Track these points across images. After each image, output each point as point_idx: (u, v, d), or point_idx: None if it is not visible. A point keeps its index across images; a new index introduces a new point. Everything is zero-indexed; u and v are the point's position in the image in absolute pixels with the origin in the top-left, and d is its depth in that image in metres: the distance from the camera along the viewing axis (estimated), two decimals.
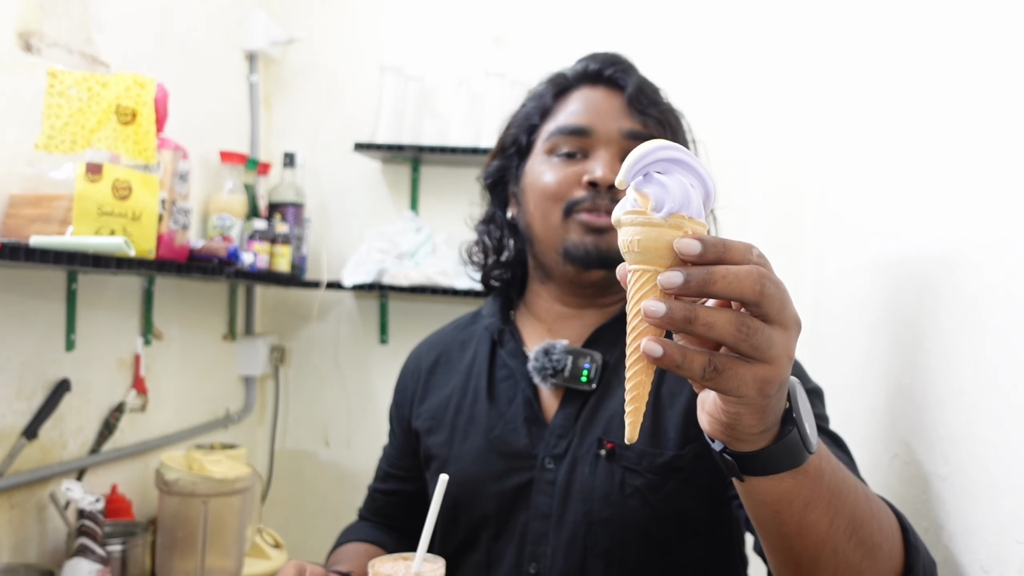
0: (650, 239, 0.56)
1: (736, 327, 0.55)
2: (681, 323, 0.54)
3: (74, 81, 1.37)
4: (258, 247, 1.94)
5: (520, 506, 1.06)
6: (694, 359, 0.55)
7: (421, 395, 1.20)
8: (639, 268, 0.58)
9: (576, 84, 1.13)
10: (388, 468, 1.26)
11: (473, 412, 1.12)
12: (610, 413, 1.05)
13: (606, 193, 1.06)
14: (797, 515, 0.67)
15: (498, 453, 1.08)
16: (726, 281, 0.54)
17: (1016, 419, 0.77)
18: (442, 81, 2.24)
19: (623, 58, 1.14)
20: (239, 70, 2.19)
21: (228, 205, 1.94)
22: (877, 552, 0.72)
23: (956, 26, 0.98)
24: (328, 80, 2.31)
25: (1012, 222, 0.80)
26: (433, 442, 1.15)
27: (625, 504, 1.01)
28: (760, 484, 0.65)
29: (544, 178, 1.09)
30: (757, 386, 0.57)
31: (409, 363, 1.27)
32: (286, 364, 2.33)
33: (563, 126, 1.10)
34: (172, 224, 1.55)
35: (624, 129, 1.08)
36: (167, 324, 1.86)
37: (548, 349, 1.08)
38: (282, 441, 2.34)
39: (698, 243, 0.55)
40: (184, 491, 1.44)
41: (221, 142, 2.05)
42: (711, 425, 0.62)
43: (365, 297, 2.31)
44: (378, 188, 2.31)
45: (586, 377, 1.06)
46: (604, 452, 1.03)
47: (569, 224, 1.08)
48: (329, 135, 2.30)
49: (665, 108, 1.11)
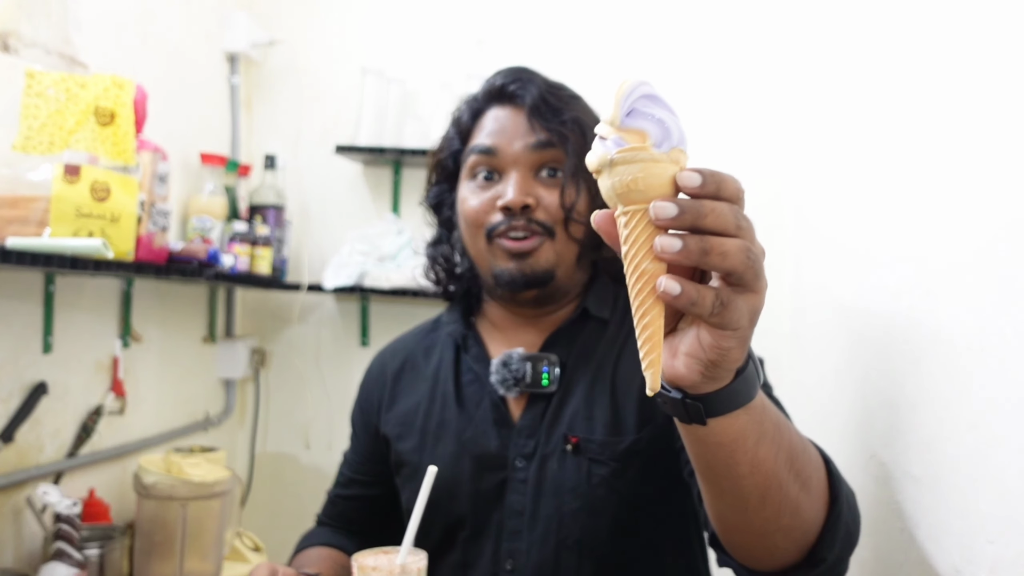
0: (653, 175, 0.55)
1: (746, 254, 0.55)
2: (698, 254, 0.54)
3: (52, 82, 1.36)
4: (238, 249, 1.93)
5: (495, 505, 1.10)
6: (706, 294, 0.55)
7: (388, 401, 1.22)
8: (633, 208, 0.56)
9: (487, 104, 1.15)
10: (351, 474, 1.27)
11: (443, 417, 1.15)
12: (573, 410, 1.09)
13: (520, 215, 1.08)
14: (751, 451, 0.68)
15: (471, 456, 1.11)
16: (715, 215, 0.54)
17: (987, 421, 0.79)
18: (424, 84, 2.23)
19: (525, 71, 1.15)
20: (220, 72, 2.18)
21: (208, 207, 1.93)
22: (810, 484, 0.74)
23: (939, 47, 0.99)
24: (310, 82, 2.31)
25: (989, 215, 0.81)
26: (404, 448, 1.17)
27: (593, 494, 1.05)
28: (719, 424, 0.65)
29: (466, 205, 1.13)
30: (750, 315, 0.57)
31: (373, 369, 1.29)
32: (266, 367, 2.32)
33: (474, 146, 1.13)
34: (151, 226, 1.54)
35: (529, 144, 1.09)
36: (146, 326, 1.85)
37: (506, 360, 1.10)
38: (262, 444, 2.33)
39: (699, 175, 0.55)
40: (162, 494, 1.43)
41: (202, 144, 2.04)
42: (690, 367, 0.60)
43: (346, 299, 2.31)
44: (359, 190, 2.31)
45: (547, 380, 1.10)
46: (570, 447, 1.07)
47: (493, 249, 1.11)
48: (310, 137, 2.30)
49: (569, 117, 1.10)
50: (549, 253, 1.09)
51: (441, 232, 1.24)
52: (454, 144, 1.17)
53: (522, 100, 1.11)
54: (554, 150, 1.09)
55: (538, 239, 1.09)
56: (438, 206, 1.23)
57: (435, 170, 1.22)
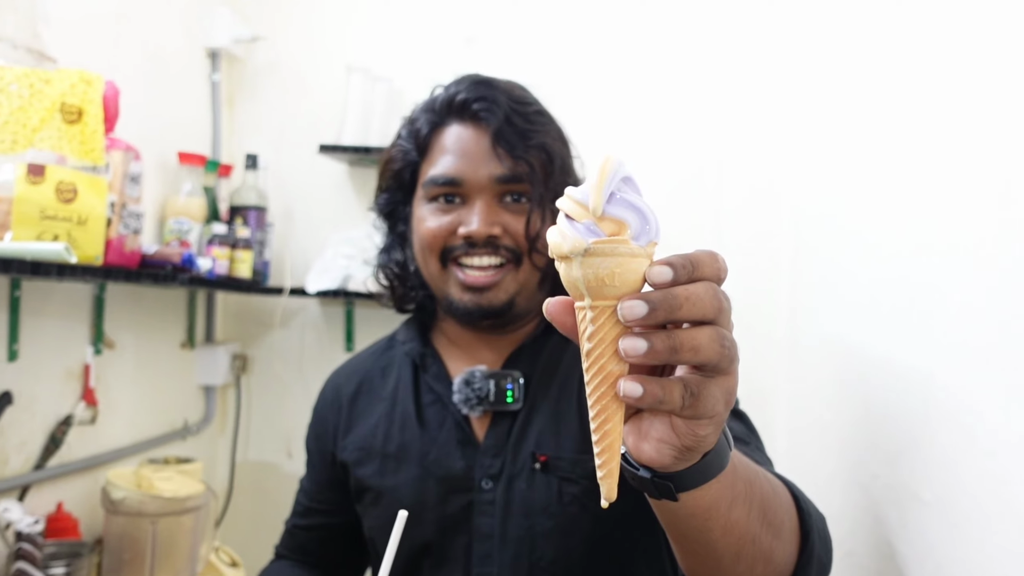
0: (630, 271, 0.51)
1: (719, 343, 0.51)
2: (667, 354, 0.50)
3: (15, 77, 1.29)
4: (217, 252, 1.86)
5: (461, 529, 1.05)
6: (672, 390, 0.51)
7: (345, 426, 1.17)
8: (603, 304, 0.52)
9: (446, 119, 1.09)
10: (309, 502, 1.22)
11: (404, 439, 1.10)
12: (539, 427, 1.05)
13: (482, 246, 1.04)
14: (723, 516, 0.64)
15: (435, 478, 1.07)
16: (690, 303, 0.50)
17: (1010, 447, 0.73)
18: (412, 82, 2.16)
19: (488, 84, 1.08)
20: (201, 69, 2.11)
21: (186, 208, 1.86)
22: (782, 529, 0.72)
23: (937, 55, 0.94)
24: (294, 80, 2.24)
25: (989, 225, 0.76)
26: (364, 473, 1.12)
27: (565, 513, 1.02)
28: (690, 497, 0.61)
29: (423, 226, 1.08)
30: (725, 399, 0.53)
31: (327, 393, 1.23)
32: (248, 373, 2.25)
33: (435, 177, 1.06)
34: (122, 228, 1.48)
35: (494, 176, 1.04)
36: (120, 332, 1.78)
37: (468, 379, 1.07)
38: (244, 453, 2.26)
39: (669, 268, 0.50)
40: (131, 511, 1.37)
41: (181, 143, 1.97)
42: (662, 451, 0.56)
43: (330, 304, 2.24)
44: (345, 191, 2.24)
45: (511, 397, 1.06)
46: (539, 465, 1.03)
47: (448, 276, 1.07)
48: (295, 136, 2.23)
49: (535, 143, 1.05)
50: (511, 284, 1.06)
51: (394, 239, 1.18)
52: (410, 156, 1.11)
53: (487, 122, 1.05)
54: (519, 184, 1.05)
55: (500, 272, 1.05)
56: (390, 215, 1.17)
57: (387, 177, 1.14)
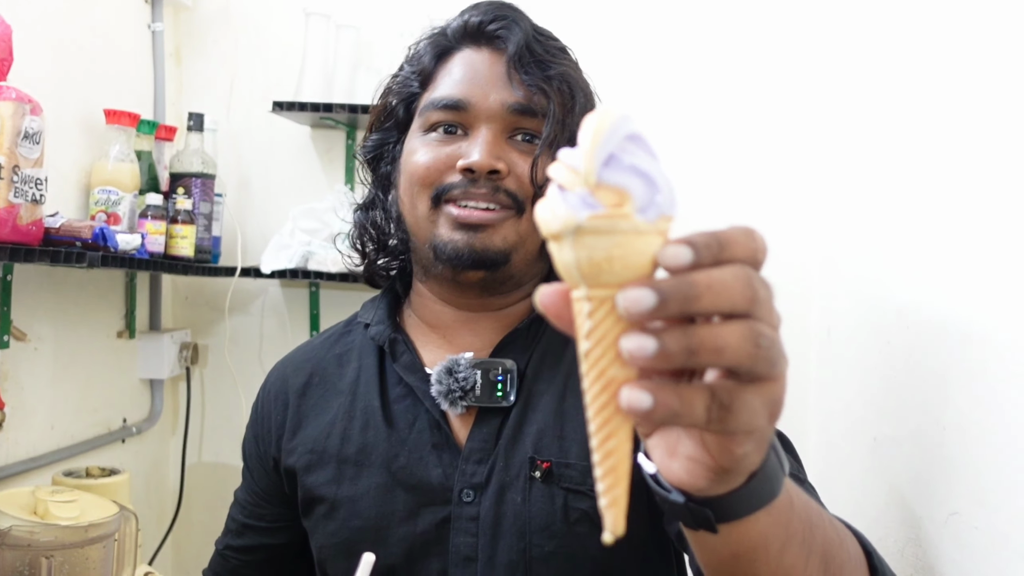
0: (634, 252, 0.40)
1: (753, 342, 0.40)
2: (682, 356, 0.39)
3: None
4: (150, 227, 1.60)
5: (434, 551, 0.89)
6: (693, 399, 0.41)
7: (292, 426, 0.99)
8: (602, 294, 0.41)
9: (458, 44, 0.95)
10: (245, 519, 1.05)
11: (365, 440, 0.94)
12: (538, 427, 0.90)
13: (484, 181, 0.89)
14: (774, 560, 0.56)
15: (405, 488, 0.90)
16: (713, 292, 0.39)
17: None
18: (380, 33, 1.91)
19: (509, 6, 0.96)
20: (139, 16, 1.83)
21: (115, 176, 1.59)
22: None
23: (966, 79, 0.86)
24: (249, 30, 1.97)
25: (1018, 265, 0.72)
26: (315, 481, 0.95)
27: (572, 533, 0.86)
28: (734, 530, 0.52)
29: (413, 159, 0.93)
30: (768, 412, 0.43)
31: (270, 386, 1.05)
32: (200, 364, 1.99)
33: (437, 99, 0.93)
34: (14, 197, 1.21)
35: (507, 103, 0.91)
36: (34, 322, 1.52)
37: (451, 367, 0.90)
38: (196, 453, 2.01)
39: (688, 248, 0.40)
40: (20, 543, 1.11)
41: (114, 101, 1.70)
42: (693, 472, 0.47)
43: (293, 285, 1.99)
44: (306, 157, 1.98)
45: (502, 391, 0.91)
46: (539, 473, 0.87)
47: (438, 215, 0.91)
48: (249, 95, 1.96)
49: (556, 73, 0.92)
50: (510, 232, 0.91)
51: (375, 194, 1.02)
52: (411, 87, 0.97)
53: (503, 44, 0.92)
54: (534, 118, 0.91)
55: (501, 213, 0.90)
56: (375, 160, 1.01)
57: (380, 116, 1.00)
